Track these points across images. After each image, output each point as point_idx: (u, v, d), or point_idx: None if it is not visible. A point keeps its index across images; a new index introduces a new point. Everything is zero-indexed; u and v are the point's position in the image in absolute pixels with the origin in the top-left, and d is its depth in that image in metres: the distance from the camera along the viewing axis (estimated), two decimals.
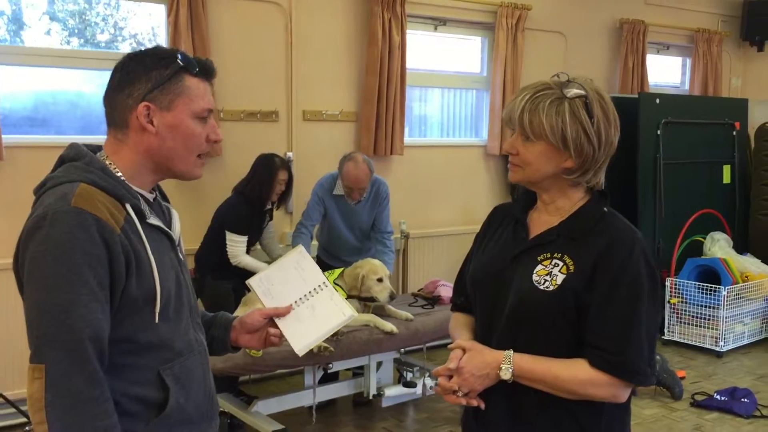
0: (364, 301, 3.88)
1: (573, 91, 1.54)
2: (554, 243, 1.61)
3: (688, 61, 7.24)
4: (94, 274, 1.31)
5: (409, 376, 4.28)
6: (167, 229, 1.52)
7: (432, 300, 4.29)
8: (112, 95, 1.47)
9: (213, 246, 4.09)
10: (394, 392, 4.06)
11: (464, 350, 1.61)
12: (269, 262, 4.10)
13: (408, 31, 5.14)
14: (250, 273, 4.12)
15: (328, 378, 4.10)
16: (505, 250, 1.68)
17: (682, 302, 5.64)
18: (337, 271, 4.01)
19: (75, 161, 1.43)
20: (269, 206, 4.22)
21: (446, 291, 4.32)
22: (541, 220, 1.67)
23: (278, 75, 4.77)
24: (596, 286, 1.53)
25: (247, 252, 4.13)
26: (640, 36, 6.45)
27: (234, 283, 4.01)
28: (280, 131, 4.82)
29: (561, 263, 1.57)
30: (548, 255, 1.60)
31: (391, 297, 3.87)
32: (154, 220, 1.47)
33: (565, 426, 1.59)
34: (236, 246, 3.99)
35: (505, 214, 1.78)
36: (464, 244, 1.90)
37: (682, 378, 4.77)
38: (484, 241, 1.78)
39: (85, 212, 1.32)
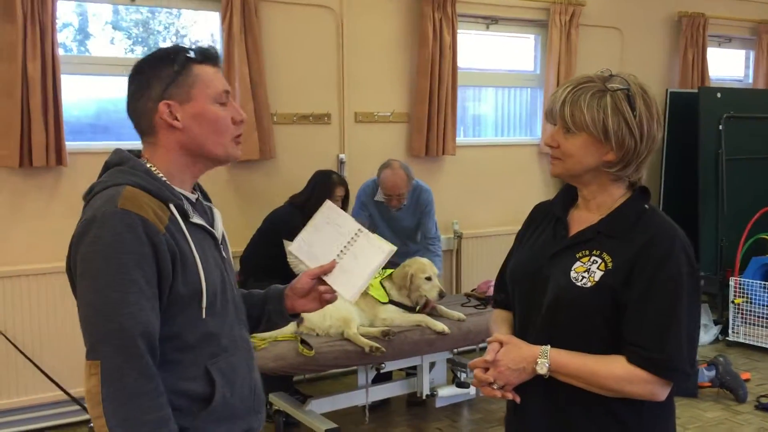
0: (411, 304, 3.90)
1: (615, 85, 1.54)
2: (593, 240, 1.60)
3: (752, 54, 7.00)
4: (142, 272, 1.36)
5: (462, 376, 4.25)
6: (210, 228, 1.56)
7: (485, 300, 4.26)
8: (133, 106, 1.53)
9: (259, 249, 4.15)
10: (448, 392, 4.06)
11: (501, 343, 1.62)
12: None
13: (459, 30, 5.12)
14: (293, 277, 4.18)
15: (382, 378, 4.12)
16: (545, 247, 1.67)
17: (746, 302, 5.46)
18: (387, 272, 4.03)
19: (120, 165, 1.49)
20: None
21: None
22: (582, 218, 1.66)
23: (330, 78, 4.82)
24: (634, 282, 1.51)
25: None
26: (700, 29, 6.27)
27: (279, 284, 4.05)
28: (332, 134, 4.87)
29: (599, 260, 1.56)
30: (587, 252, 1.59)
31: (441, 295, 3.87)
32: (197, 219, 1.52)
33: (604, 423, 1.57)
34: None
35: (546, 211, 1.77)
36: None
37: (747, 380, 4.61)
38: (525, 239, 1.78)
39: (131, 213, 1.37)
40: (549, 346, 1.56)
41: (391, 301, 3.93)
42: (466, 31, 5.38)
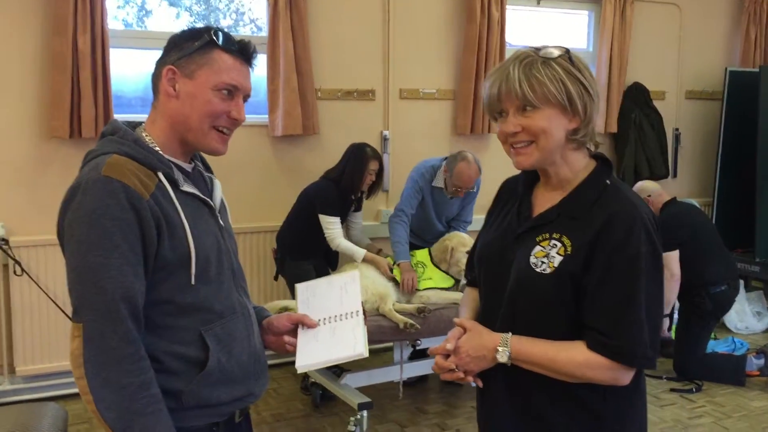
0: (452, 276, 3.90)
1: (551, 51, 1.48)
2: (554, 222, 1.54)
3: None
4: (124, 238, 1.38)
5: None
6: (203, 197, 1.57)
7: None
8: (155, 68, 1.56)
9: (295, 226, 4.12)
10: None
11: (465, 329, 1.59)
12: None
13: (508, 6, 5.02)
14: (327, 251, 4.18)
15: (418, 355, 4.12)
16: (509, 228, 1.62)
17: None
18: (423, 251, 4.05)
19: (112, 135, 1.51)
20: (359, 195, 4.22)
21: None
22: (545, 197, 1.60)
23: (375, 53, 4.80)
24: (593, 266, 1.45)
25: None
26: (763, 5, 6.00)
27: (315, 262, 4.06)
28: (376, 110, 4.85)
29: (559, 244, 1.50)
30: (547, 235, 1.53)
31: None
32: (188, 188, 1.53)
33: (569, 408, 1.53)
34: (332, 228, 3.98)
35: (512, 188, 1.71)
36: None
37: None
38: (492, 217, 1.72)
39: (113, 180, 1.39)
40: (510, 334, 1.51)
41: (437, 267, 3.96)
42: (516, 6, 5.27)
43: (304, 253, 4.07)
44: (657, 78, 5.75)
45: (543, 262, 1.51)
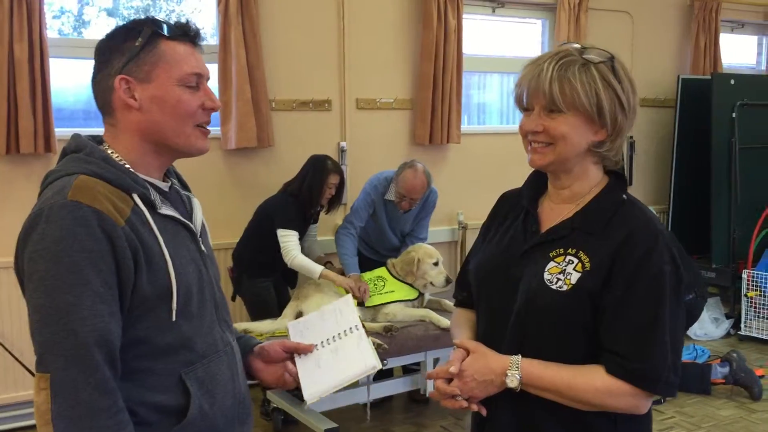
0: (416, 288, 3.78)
1: (594, 56, 1.39)
2: (568, 237, 1.44)
3: (765, 40, 6.81)
4: (97, 272, 1.19)
5: None
6: (184, 220, 1.39)
7: None
8: (94, 80, 1.37)
9: (252, 242, 3.93)
10: None
11: (468, 351, 1.45)
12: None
13: (464, 14, 4.94)
14: (285, 269, 4.00)
15: (383, 374, 3.97)
16: (513, 244, 1.51)
17: (759, 295, 5.29)
18: (381, 268, 3.93)
19: (76, 153, 1.32)
20: (318, 209, 4.04)
21: None
22: (554, 211, 1.50)
23: (330, 62, 4.64)
24: (613, 284, 1.36)
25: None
26: (712, 14, 6.08)
27: (273, 280, 3.90)
28: (333, 120, 4.70)
29: (576, 260, 1.40)
30: (561, 251, 1.43)
31: (447, 281, 3.79)
32: (167, 210, 1.36)
33: None
34: (289, 242, 3.78)
35: (512, 202, 1.61)
36: None
37: (761, 377, 4.45)
38: (491, 233, 1.61)
39: (82, 205, 1.21)
40: (520, 357, 1.40)
41: (399, 280, 3.83)
42: (471, 15, 5.19)
43: (261, 271, 3.88)
44: None
45: (559, 279, 1.39)
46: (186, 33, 1.37)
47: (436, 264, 3.79)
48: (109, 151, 1.34)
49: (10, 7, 3.57)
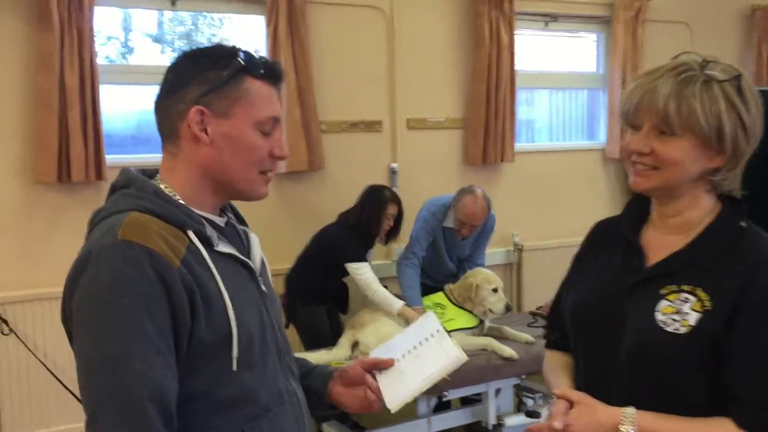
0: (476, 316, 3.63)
1: (718, 73, 1.23)
2: (681, 272, 1.28)
3: None
4: (151, 319, 1.08)
5: (530, 403, 3.92)
6: (243, 258, 1.27)
7: None
8: (163, 101, 1.25)
9: (308, 270, 3.83)
10: (516, 422, 3.72)
11: (571, 403, 1.29)
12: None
13: (516, 30, 4.80)
14: (338, 296, 3.91)
15: (442, 406, 3.81)
16: (615, 279, 1.36)
17: None
18: (438, 294, 3.78)
19: (126, 188, 1.21)
20: (375, 241, 3.93)
21: None
22: (660, 242, 1.34)
23: (381, 83, 4.54)
24: (740, 324, 1.20)
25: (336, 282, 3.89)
26: None
27: (327, 307, 3.80)
28: (383, 141, 4.58)
29: (693, 298, 1.24)
30: (675, 288, 1.27)
31: (507, 309, 3.63)
32: (225, 248, 1.24)
33: None
34: (365, 274, 3.67)
35: (610, 232, 1.45)
36: None
37: None
38: (585, 267, 1.47)
39: (134, 245, 1.09)
40: (633, 409, 1.24)
41: (457, 306, 3.67)
42: (524, 30, 5.04)
43: (316, 298, 3.77)
44: None
45: (675, 320, 1.24)
46: (273, 74, 1.26)
47: (495, 290, 3.63)
48: (162, 186, 1.23)
49: (61, 36, 3.54)
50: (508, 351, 3.45)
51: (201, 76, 1.21)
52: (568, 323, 1.47)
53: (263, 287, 1.31)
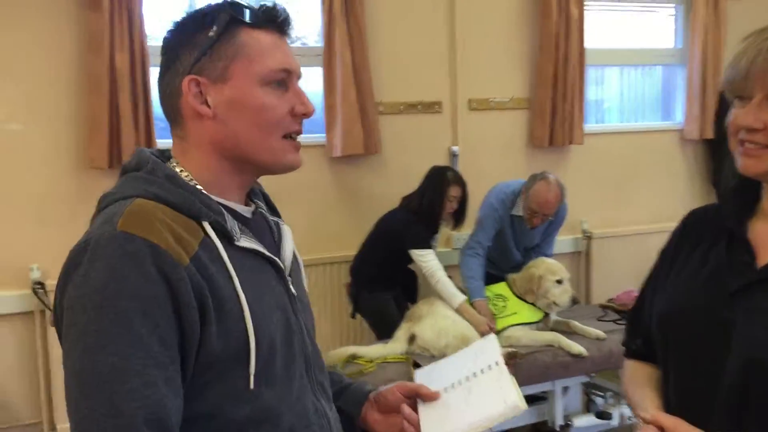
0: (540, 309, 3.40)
1: None
2: None
3: None
4: (150, 325, 0.91)
5: (600, 402, 3.66)
6: (270, 255, 1.09)
7: (627, 314, 3.64)
8: (161, 83, 1.09)
9: (372, 257, 3.67)
10: (585, 422, 3.48)
11: (662, 429, 1.07)
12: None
13: (587, 2, 4.48)
14: (406, 285, 3.73)
15: None
16: (716, 278, 1.15)
17: None
18: (500, 284, 3.56)
19: (136, 171, 1.05)
20: (440, 224, 3.73)
21: None
22: None
23: (441, 61, 4.31)
24: None
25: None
26: None
27: (394, 293, 3.62)
28: (443, 123, 4.36)
29: None
30: None
31: (574, 301, 3.37)
32: (247, 242, 1.06)
33: None
34: (430, 261, 3.47)
35: (707, 223, 1.23)
36: (658, 243, 1.35)
37: None
38: (677, 264, 1.25)
39: (135, 237, 0.93)
40: None
41: (521, 299, 3.46)
42: (595, 2, 4.72)
43: (382, 285, 3.63)
44: None
45: None
46: (272, 19, 1.07)
47: (559, 282, 3.38)
48: (178, 169, 1.07)
49: (111, 16, 3.44)
50: (576, 348, 3.21)
51: (190, 43, 1.05)
52: (655, 330, 1.25)
53: (293, 288, 1.13)
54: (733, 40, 4.86)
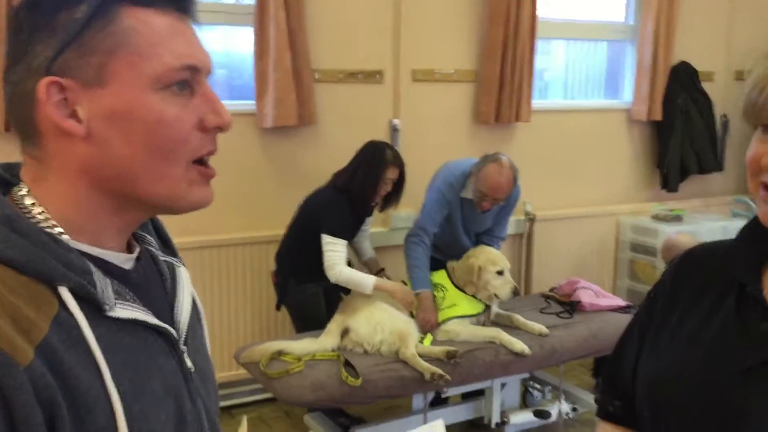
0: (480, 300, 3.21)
1: None
2: None
3: None
4: None
5: (538, 396, 3.53)
6: (157, 323, 0.79)
7: (569, 306, 3.49)
8: (5, 82, 0.76)
9: (298, 243, 3.31)
10: (522, 419, 3.32)
11: None
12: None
13: None
14: None
15: (440, 401, 3.40)
16: (725, 347, 0.93)
17: None
18: (440, 272, 3.32)
19: None
20: (371, 207, 3.43)
21: (588, 296, 3.51)
22: None
23: (384, 27, 3.99)
24: None
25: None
26: None
27: (324, 285, 3.24)
28: (384, 94, 4.06)
29: None
30: None
31: (514, 293, 3.16)
32: (124, 311, 0.76)
33: None
34: (336, 253, 3.15)
35: (710, 270, 1.01)
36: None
37: None
38: (672, 316, 1.03)
39: None
40: None
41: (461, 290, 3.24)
42: None
43: (310, 275, 3.25)
44: (706, 57, 4.98)
45: None
46: None
47: (500, 273, 3.17)
48: (27, 202, 0.75)
49: None
50: (518, 345, 3.02)
51: (48, 27, 0.72)
52: (642, 397, 1.03)
53: (188, 362, 0.84)
54: (685, 16, 4.72)
